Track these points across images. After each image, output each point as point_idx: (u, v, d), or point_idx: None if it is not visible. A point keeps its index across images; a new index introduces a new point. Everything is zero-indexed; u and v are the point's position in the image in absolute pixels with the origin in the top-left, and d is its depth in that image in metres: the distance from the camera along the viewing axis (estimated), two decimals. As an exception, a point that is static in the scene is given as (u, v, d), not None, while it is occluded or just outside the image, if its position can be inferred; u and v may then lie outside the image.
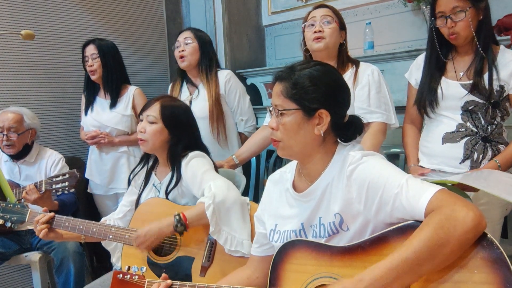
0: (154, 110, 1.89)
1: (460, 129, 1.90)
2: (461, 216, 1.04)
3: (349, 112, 1.34)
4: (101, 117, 2.84)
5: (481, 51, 1.85)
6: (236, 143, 2.70)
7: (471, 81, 1.87)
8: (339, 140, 1.33)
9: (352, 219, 1.23)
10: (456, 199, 1.09)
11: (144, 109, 1.94)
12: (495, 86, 1.84)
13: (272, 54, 3.77)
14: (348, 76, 2.05)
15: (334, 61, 2.10)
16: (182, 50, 2.61)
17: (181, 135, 1.91)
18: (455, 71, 1.93)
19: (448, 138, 1.92)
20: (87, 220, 1.88)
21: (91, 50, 2.80)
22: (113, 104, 2.82)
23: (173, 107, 1.92)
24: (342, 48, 2.12)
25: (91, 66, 2.79)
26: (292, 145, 1.28)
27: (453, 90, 1.91)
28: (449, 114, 1.93)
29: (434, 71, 1.96)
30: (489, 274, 1.03)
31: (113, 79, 2.82)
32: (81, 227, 1.86)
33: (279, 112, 1.27)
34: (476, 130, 1.88)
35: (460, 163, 1.88)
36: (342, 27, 2.12)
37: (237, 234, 1.73)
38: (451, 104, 1.92)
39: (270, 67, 3.65)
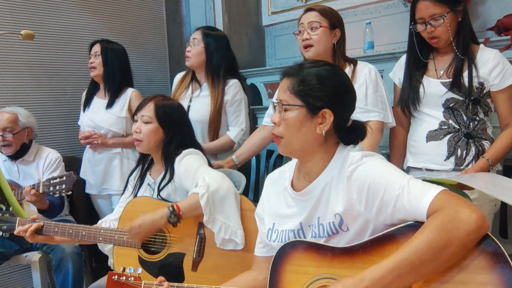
0: (149, 110, 1.90)
1: (443, 127, 1.95)
2: (464, 218, 1.05)
3: None
4: (96, 117, 2.83)
5: (459, 55, 1.90)
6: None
7: (450, 79, 1.91)
8: (340, 142, 1.33)
9: (352, 220, 1.23)
10: (459, 200, 1.09)
11: (138, 109, 1.95)
12: (475, 83, 1.89)
13: (272, 54, 3.77)
14: None
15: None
16: (188, 51, 2.59)
17: (175, 133, 1.92)
18: (435, 70, 1.98)
19: (432, 136, 1.97)
20: (75, 224, 1.90)
21: (95, 48, 2.82)
22: (109, 105, 2.81)
23: (166, 106, 1.92)
24: (336, 48, 2.07)
25: (92, 63, 2.80)
26: (293, 141, 1.28)
27: (434, 88, 1.96)
28: (431, 112, 1.98)
29: (414, 71, 2.01)
30: (491, 275, 1.03)
31: (114, 80, 2.81)
32: (71, 231, 1.87)
33: (283, 107, 1.27)
34: (458, 127, 1.93)
35: (444, 160, 1.94)
36: (333, 26, 2.04)
37: (232, 223, 1.72)
38: (433, 101, 1.97)
39: (270, 67, 3.63)
